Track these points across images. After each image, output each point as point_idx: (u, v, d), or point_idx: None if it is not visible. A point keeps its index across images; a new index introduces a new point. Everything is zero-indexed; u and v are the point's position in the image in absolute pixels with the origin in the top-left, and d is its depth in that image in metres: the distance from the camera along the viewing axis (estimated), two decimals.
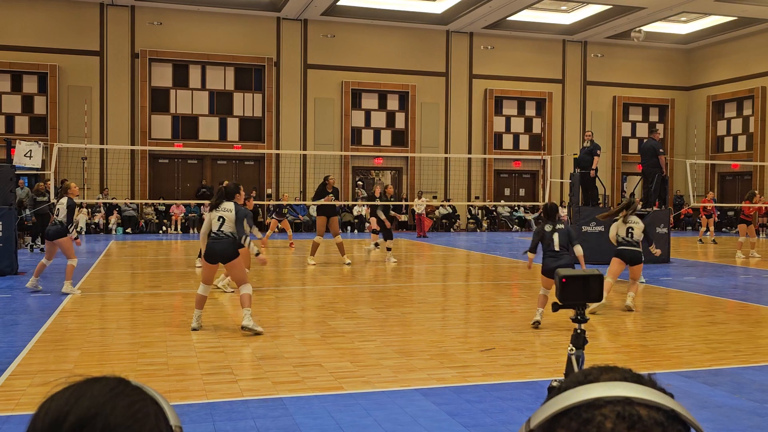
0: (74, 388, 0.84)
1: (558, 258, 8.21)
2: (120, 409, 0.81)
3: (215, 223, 7.79)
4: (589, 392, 0.78)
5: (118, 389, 0.84)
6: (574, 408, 0.78)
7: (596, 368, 0.85)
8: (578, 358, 2.98)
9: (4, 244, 12.40)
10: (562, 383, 0.84)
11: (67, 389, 0.84)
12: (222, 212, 7.81)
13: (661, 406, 0.78)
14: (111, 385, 0.84)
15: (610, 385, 0.79)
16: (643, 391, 0.79)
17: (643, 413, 0.76)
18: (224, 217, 7.78)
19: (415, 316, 8.98)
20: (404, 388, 5.62)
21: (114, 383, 0.85)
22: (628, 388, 0.79)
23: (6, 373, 5.92)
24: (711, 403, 5.29)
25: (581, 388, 0.80)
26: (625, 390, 0.78)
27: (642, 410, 0.77)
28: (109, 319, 8.69)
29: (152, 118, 25.35)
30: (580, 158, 16.19)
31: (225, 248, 7.70)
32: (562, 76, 29.76)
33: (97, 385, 0.84)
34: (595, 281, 2.69)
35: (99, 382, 0.84)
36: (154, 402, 0.85)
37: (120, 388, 0.84)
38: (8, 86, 24.25)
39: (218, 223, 7.77)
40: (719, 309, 9.78)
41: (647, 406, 0.77)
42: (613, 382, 0.80)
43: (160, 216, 24.80)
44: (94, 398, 0.81)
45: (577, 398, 0.78)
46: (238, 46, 25.75)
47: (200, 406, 5.07)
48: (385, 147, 27.58)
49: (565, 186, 25.12)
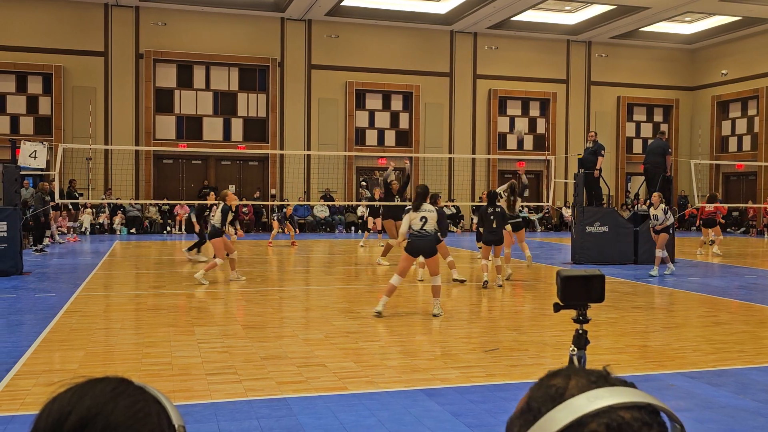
0: (76, 389, 0.84)
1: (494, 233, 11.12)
2: (121, 409, 0.82)
3: (418, 222, 8.69)
4: (571, 410, 0.78)
5: (120, 389, 0.84)
6: (564, 431, 0.77)
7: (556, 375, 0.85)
8: (580, 358, 2.99)
9: (9, 244, 12.43)
10: (532, 401, 0.83)
11: (70, 390, 0.85)
12: (425, 212, 8.74)
13: (638, 404, 0.78)
14: (113, 385, 0.85)
15: (589, 397, 0.79)
16: (619, 393, 0.79)
17: (627, 417, 0.77)
18: (427, 216, 8.70)
19: (419, 317, 8.98)
20: (408, 388, 5.62)
21: (116, 383, 0.85)
22: (606, 394, 0.79)
23: (11, 372, 5.93)
24: (715, 404, 5.28)
25: (560, 407, 0.79)
26: (604, 398, 0.78)
27: (626, 414, 0.77)
28: (114, 319, 8.71)
29: (156, 119, 25.40)
30: (585, 158, 16.17)
31: (427, 244, 8.63)
32: (566, 77, 29.73)
33: (99, 385, 0.84)
34: (598, 281, 2.69)
35: (101, 383, 0.85)
36: (157, 402, 0.86)
37: (122, 388, 0.84)
38: (13, 87, 24.33)
39: (420, 223, 8.67)
40: (723, 309, 9.76)
41: (628, 408, 0.78)
42: (589, 392, 0.80)
43: (164, 216, 24.84)
44: (96, 398, 0.82)
45: (563, 420, 0.78)
46: (242, 46, 25.78)
47: (204, 406, 5.08)
48: (389, 147, 27.58)
49: (569, 186, 25.10)
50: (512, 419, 0.85)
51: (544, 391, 0.83)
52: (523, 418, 0.82)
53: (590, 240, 15.04)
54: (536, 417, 0.80)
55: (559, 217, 28.61)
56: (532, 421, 0.80)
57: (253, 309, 9.48)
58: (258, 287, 11.52)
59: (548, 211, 28.63)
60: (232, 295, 10.66)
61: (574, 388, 0.81)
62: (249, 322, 8.49)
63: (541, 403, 0.81)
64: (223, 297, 10.46)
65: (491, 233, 11.18)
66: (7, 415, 4.87)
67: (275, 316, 8.90)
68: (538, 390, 0.84)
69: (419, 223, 8.73)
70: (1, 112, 24.24)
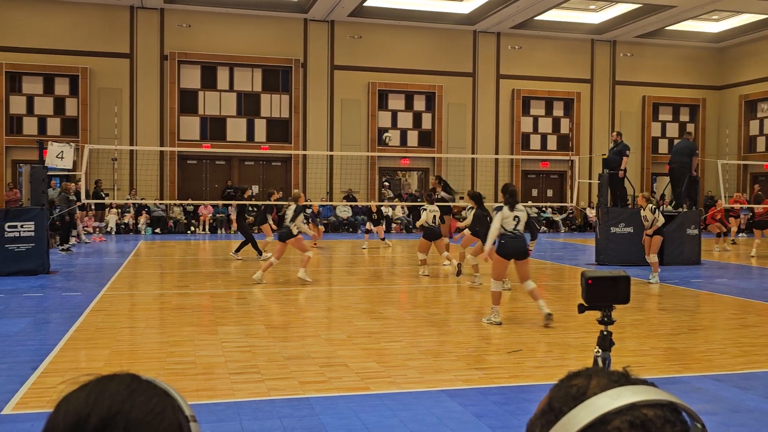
0: (90, 388, 0.84)
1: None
2: (139, 406, 0.82)
3: (511, 222, 8.19)
4: (593, 409, 0.78)
5: (134, 386, 0.84)
6: (587, 429, 0.77)
7: (577, 375, 0.84)
8: (605, 360, 2.95)
9: (37, 243, 12.60)
10: (553, 401, 0.82)
11: (82, 389, 0.84)
12: (518, 212, 8.24)
13: (661, 402, 0.77)
14: (126, 382, 0.85)
15: (611, 395, 0.78)
16: (641, 392, 0.79)
17: (650, 414, 0.76)
18: (519, 216, 8.24)
19: (442, 317, 8.95)
20: (431, 389, 5.60)
21: (129, 380, 0.85)
22: (628, 393, 0.78)
23: (38, 370, 6.01)
24: (743, 408, 5.20)
25: (582, 406, 0.78)
26: (627, 396, 0.78)
27: (648, 411, 0.77)
28: (139, 318, 8.79)
29: (181, 120, 25.61)
30: (609, 158, 16.01)
31: (520, 245, 8.24)
32: (591, 76, 29.49)
33: (112, 383, 0.84)
34: (623, 283, 2.66)
35: (113, 381, 0.85)
36: (167, 395, 0.86)
37: (135, 384, 0.84)
38: (41, 88, 24.67)
39: (514, 223, 8.20)
40: (752, 312, 9.61)
41: (650, 405, 0.77)
42: (611, 390, 0.79)
43: (188, 216, 25.04)
44: (113, 397, 0.82)
45: (586, 419, 0.77)
46: (265, 47, 25.91)
47: (227, 405, 5.11)
48: (411, 148, 27.56)
49: (594, 187, 24.88)
50: (533, 420, 0.84)
51: (565, 391, 0.82)
52: (544, 418, 0.81)
53: (615, 241, 14.89)
54: (558, 416, 0.79)
55: (583, 218, 28.38)
56: (553, 421, 0.79)
57: (276, 309, 9.52)
58: (281, 287, 11.57)
59: (572, 212, 28.42)
60: (255, 295, 10.70)
61: (596, 387, 0.80)
62: (272, 322, 8.52)
63: (562, 403, 0.80)
64: (246, 297, 10.51)
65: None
66: (34, 412, 4.94)
67: (298, 316, 8.92)
68: (559, 390, 0.83)
69: (513, 223, 8.21)
70: (29, 114, 24.60)
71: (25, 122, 24.58)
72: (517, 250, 8.20)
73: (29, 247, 12.52)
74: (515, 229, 8.18)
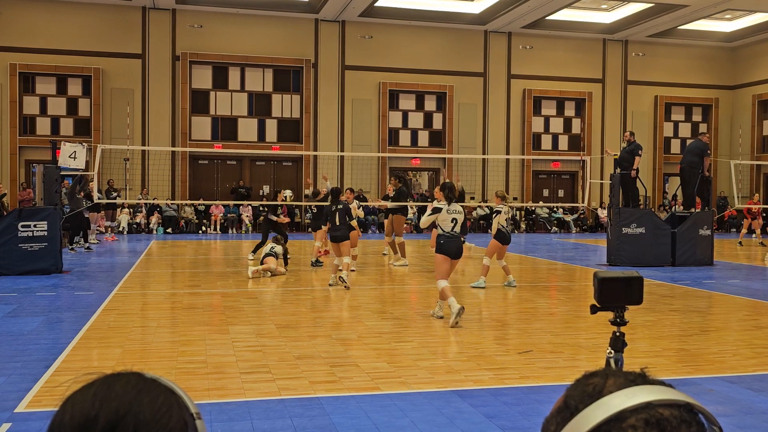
0: (95, 388, 0.83)
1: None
2: (146, 406, 0.81)
3: (449, 224, 8.46)
4: (609, 407, 0.78)
5: (140, 385, 0.84)
6: (602, 426, 0.77)
7: (593, 374, 0.84)
8: (617, 361, 2.94)
9: (50, 243, 12.68)
10: (569, 399, 0.82)
11: (88, 389, 0.83)
12: (455, 214, 8.51)
13: (678, 402, 0.77)
14: (132, 382, 0.84)
15: (627, 394, 0.78)
16: (658, 391, 0.79)
17: (666, 414, 0.77)
18: (457, 219, 8.49)
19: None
20: (441, 389, 5.60)
21: (134, 380, 0.85)
22: (644, 392, 0.78)
23: (50, 369, 6.05)
24: (756, 410, 5.17)
25: (598, 404, 0.79)
26: (643, 395, 0.78)
27: (664, 411, 0.77)
28: (150, 318, 8.83)
29: (192, 120, 25.71)
30: (621, 158, 15.93)
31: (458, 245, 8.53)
32: (602, 76, 29.38)
33: (118, 383, 0.83)
34: (636, 283, 2.65)
35: (119, 380, 0.84)
36: (172, 392, 0.85)
37: (141, 384, 0.84)
38: (54, 89, 24.84)
39: (451, 224, 8.45)
40: (765, 313, 9.54)
41: (667, 405, 0.77)
42: (627, 389, 0.79)
43: (199, 216, 25.13)
44: (120, 398, 0.81)
45: (601, 416, 0.77)
46: (276, 47, 25.97)
47: (238, 404, 5.12)
48: (422, 148, 27.55)
49: (605, 187, 24.78)
50: (549, 418, 0.85)
51: (581, 389, 0.82)
52: (560, 416, 0.82)
53: (626, 241, 14.81)
54: (573, 414, 0.80)
55: (594, 218, 28.28)
56: (569, 418, 0.80)
57: (286, 309, 9.54)
58: (291, 287, 11.59)
59: (583, 212, 28.32)
60: (266, 294, 10.72)
61: (612, 386, 0.81)
62: (283, 321, 8.54)
63: (578, 401, 0.81)
64: (257, 296, 10.53)
65: (335, 230, 11.37)
66: (47, 410, 4.97)
67: (308, 316, 8.93)
68: (575, 389, 0.83)
69: (450, 224, 8.47)
70: (42, 114, 24.77)
71: (39, 122, 24.76)
72: (454, 249, 8.51)
73: (42, 246, 12.60)
74: (452, 231, 8.46)
